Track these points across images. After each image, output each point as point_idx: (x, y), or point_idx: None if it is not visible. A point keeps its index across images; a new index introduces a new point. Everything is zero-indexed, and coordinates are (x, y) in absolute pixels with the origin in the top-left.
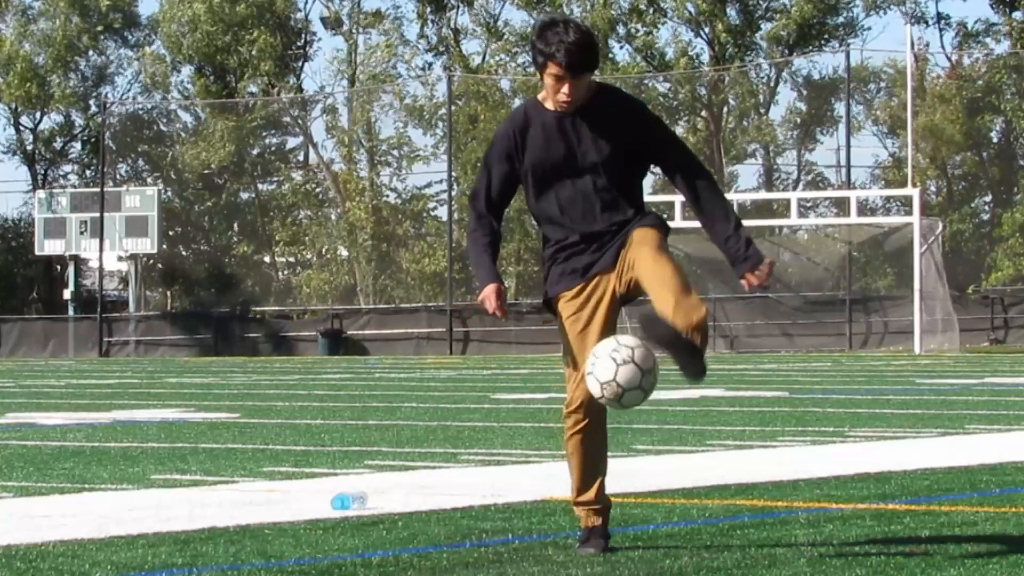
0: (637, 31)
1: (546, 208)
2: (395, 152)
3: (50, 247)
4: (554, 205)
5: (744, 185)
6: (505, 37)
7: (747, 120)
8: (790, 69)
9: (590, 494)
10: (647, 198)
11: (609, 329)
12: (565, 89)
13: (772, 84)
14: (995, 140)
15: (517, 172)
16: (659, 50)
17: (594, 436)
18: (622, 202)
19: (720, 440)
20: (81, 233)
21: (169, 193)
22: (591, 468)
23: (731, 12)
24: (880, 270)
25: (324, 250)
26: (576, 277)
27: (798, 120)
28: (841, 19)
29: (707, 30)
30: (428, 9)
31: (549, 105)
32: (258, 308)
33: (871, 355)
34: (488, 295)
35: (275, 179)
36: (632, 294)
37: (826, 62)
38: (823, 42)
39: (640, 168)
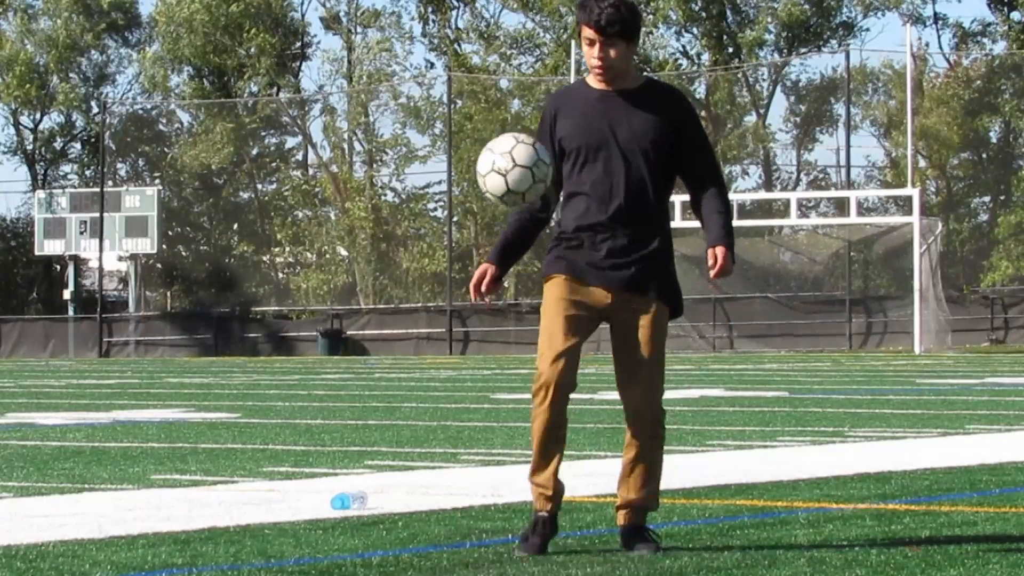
0: None
1: (573, 187)
2: (388, 151)
3: (50, 247)
4: (582, 184)
5: (744, 185)
6: (500, 39)
7: (735, 123)
8: (783, 73)
9: (544, 475)
10: None
11: (582, 337)
12: (596, 52)
13: (771, 87)
14: (994, 140)
15: (556, 150)
16: (655, 52)
17: (556, 412)
18: (649, 201)
19: (720, 440)
20: (81, 233)
21: (169, 193)
22: (549, 446)
23: (726, 13)
24: (880, 270)
25: (323, 250)
26: (578, 271)
27: (797, 120)
28: (841, 20)
29: (699, 30)
30: (428, 9)
31: (592, 83)
32: (258, 308)
33: (871, 355)
34: (477, 274)
35: (275, 179)
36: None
37: (824, 62)
38: (821, 43)
39: (672, 171)
